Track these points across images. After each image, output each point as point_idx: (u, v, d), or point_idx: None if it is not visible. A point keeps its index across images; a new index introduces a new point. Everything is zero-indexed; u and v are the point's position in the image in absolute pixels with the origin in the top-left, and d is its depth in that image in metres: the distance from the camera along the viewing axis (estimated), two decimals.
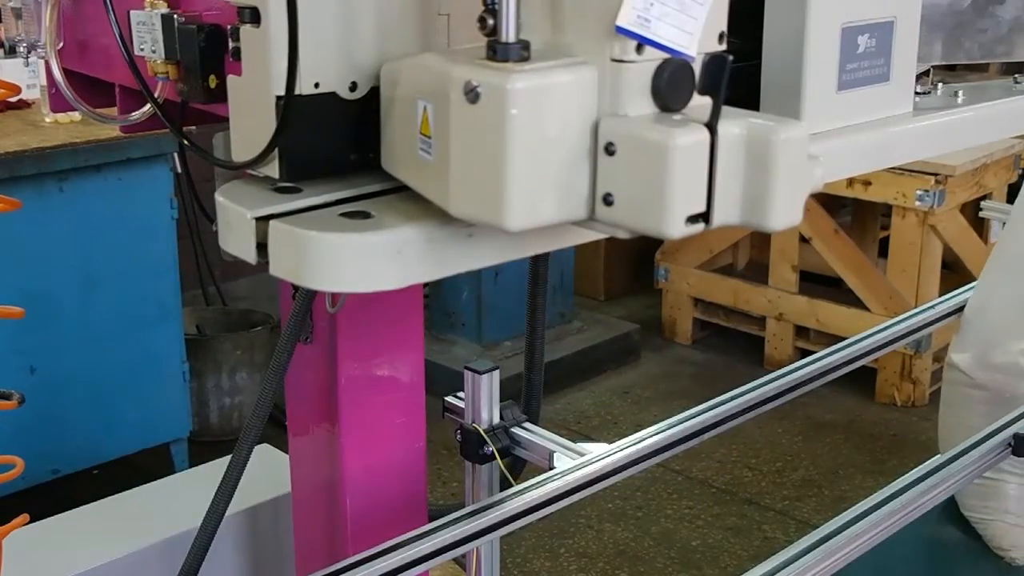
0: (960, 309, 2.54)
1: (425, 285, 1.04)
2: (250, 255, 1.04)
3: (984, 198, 4.65)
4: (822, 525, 1.67)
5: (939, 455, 1.87)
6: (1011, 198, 4.74)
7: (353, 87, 1.09)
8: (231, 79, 1.12)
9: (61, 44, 1.51)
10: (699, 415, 2.05)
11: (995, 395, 2.52)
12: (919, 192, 4.31)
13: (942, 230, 4.47)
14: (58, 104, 1.59)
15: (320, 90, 1.07)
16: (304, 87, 1.05)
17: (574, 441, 1.97)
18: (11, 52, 1.51)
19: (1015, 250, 2.53)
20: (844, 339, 2.37)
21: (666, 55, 0.96)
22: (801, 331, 4.78)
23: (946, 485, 1.79)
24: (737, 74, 1.10)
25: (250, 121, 1.09)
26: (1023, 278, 2.48)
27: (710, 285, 5.01)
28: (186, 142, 1.32)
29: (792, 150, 0.95)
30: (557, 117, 0.93)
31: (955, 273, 4.61)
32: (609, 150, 0.94)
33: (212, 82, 1.18)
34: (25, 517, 1.55)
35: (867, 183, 4.37)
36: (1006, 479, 2.58)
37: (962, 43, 1.44)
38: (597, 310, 5.25)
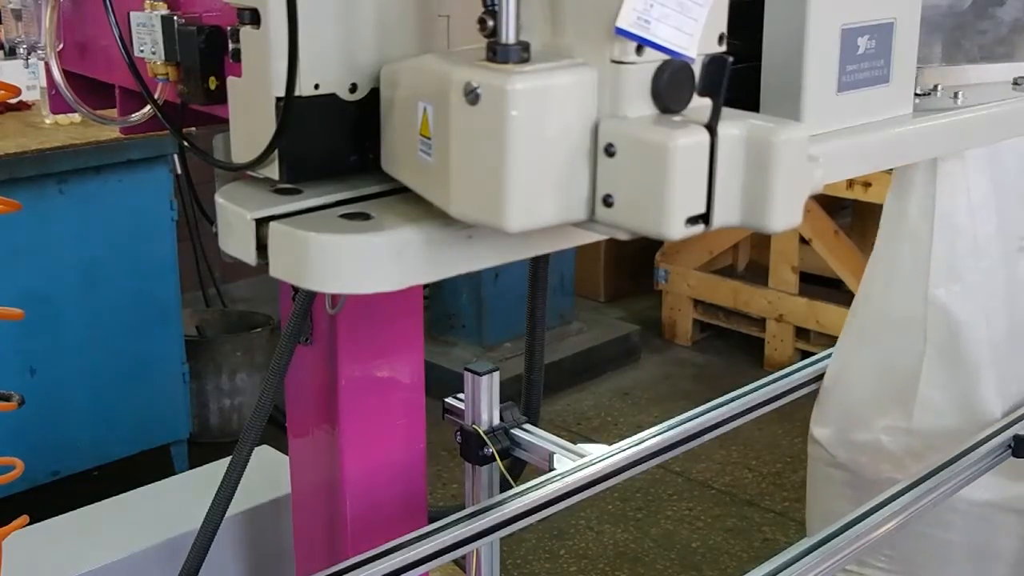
0: None
1: (425, 286, 1.04)
2: (250, 256, 1.04)
3: None
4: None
5: (939, 455, 1.87)
6: None
7: (353, 88, 1.09)
8: (231, 80, 1.12)
9: (61, 45, 1.51)
10: (699, 416, 2.06)
11: (858, 478, 2.16)
12: None
13: None
14: (58, 106, 1.59)
15: (320, 91, 1.07)
16: (304, 88, 1.05)
17: (574, 442, 1.97)
18: (11, 53, 1.51)
19: (870, 313, 2.14)
20: None
21: (666, 56, 0.96)
22: (801, 332, 4.78)
23: (947, 486, 1.79)
24: (736, 75, 1.10)
25: (250, 122, 1.09)
26: (880, 344, 2.11)
27: (710, 286, 5.01)
28: (186, 143, 1.32)
29: (792, 151, 0.95)
30: (557, 118, 0.93)
31: None
32: (609, 151, 0.94)
33: (212, 83, 1.18)
34: (25, 518, 1.55)
35: (867, 184, 4.37)
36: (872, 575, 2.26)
37: (962, 44, 1.44)
38: (597, 311, 5.25)
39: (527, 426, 2.02)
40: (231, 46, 1.11)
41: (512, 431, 1.99)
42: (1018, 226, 2.06)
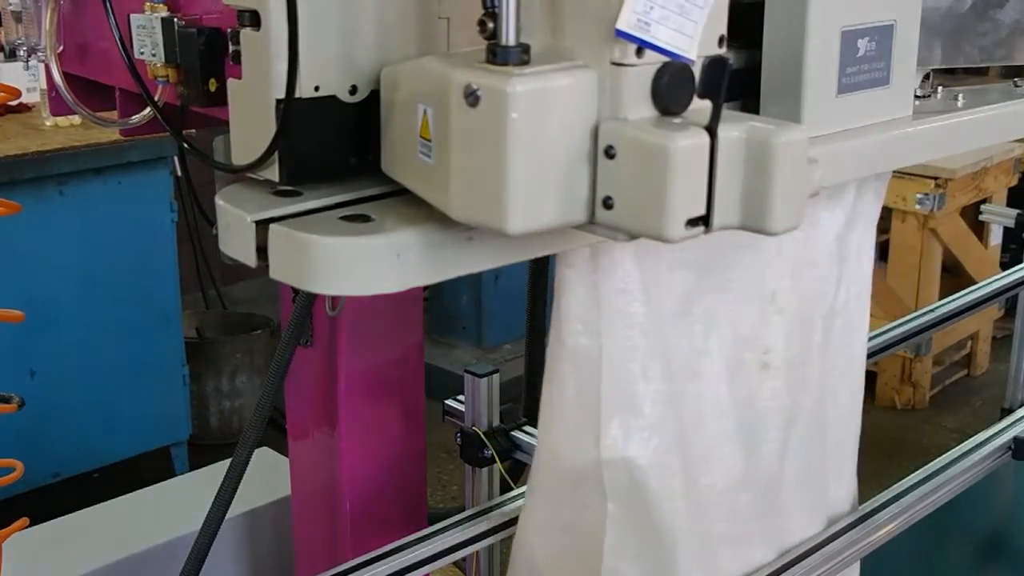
0: (961, 312, 2.53)
1: (425, 288, 1.04)
2: (250, 258, 1.04)
3: (984, 201, 4.65)
4: (822, 528, 1.67)
5: (939, 458, 1.87)
6: (1011, 201, 4.74)
7: (353, 90, 1.09)
8: (231, 82, 1.12)
9: (61, 47, 1.51)
10: None
11: None
12: (919, 195, 4.31)
13: (942, 233, 4.47)
14: (58, 107, 1.59)
15: (320, 93, 1.07)
16: (304, 91, 1.05)
17: None
18: (11, 56, 1.51)
19: (543, 458, 1.50)
20: None
21: (666, 58, 0.96)
22: None
23: (946, 489, 1.79)
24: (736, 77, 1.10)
25: (250, 124, 1.09)
26: (558, 499, 1.50)
27: None
28: (186, 145, 1.32)
29: (792, 153, 0.96)
30: (557, 120, 0.93)
31: (955, 276, 4.62)
32: (609, 153, 0.94)
33: (212, 85, 1.18)
34: (25, 520, 1.55)
35: None
36: None
37: (962, 47, 1.44)
38: None
39: (527, 428, 2.02)
40: (231, 48, 1.11)
41: (512, 433, 1.99)
42: (758, 334, 1.47)
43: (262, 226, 1.03)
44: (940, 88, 1.47)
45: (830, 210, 1.50)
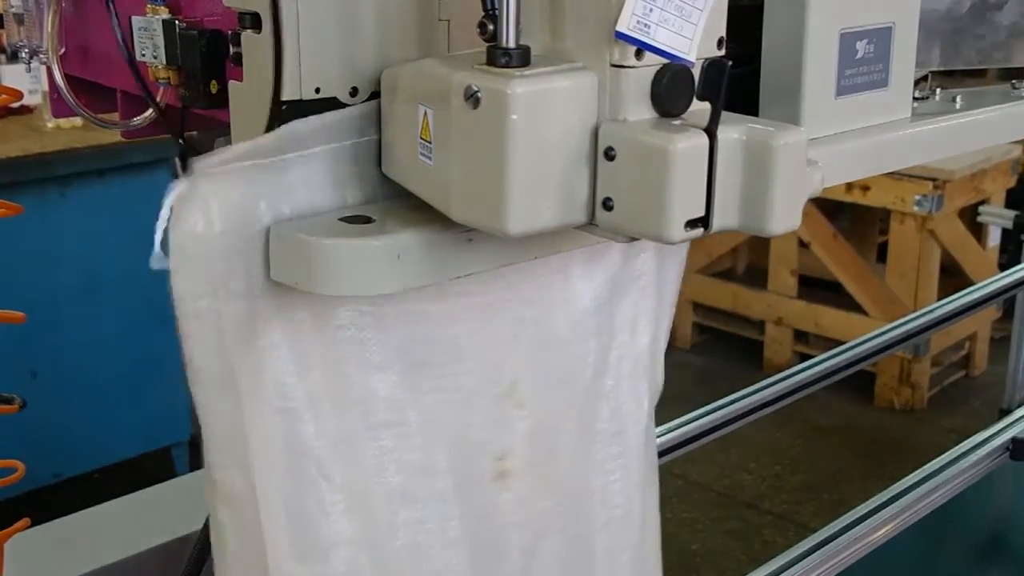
0: (959, 313, 2.54)
1: None
2: None
3: (982, 203, 4.66)
4: (821, 529, 1.68)
5: (937, 459, 1.88)
6: (1009, 203, 4.75)
7: (354, 92, 1.09)
8: (232, 84, 1.12)
9: (63, 49, 1.51)
10: (698, 419, 2.06)
11: None
12: (917, 197, 4.32)
13: (940, 235, 4.48)
14: (60, 109, 1.59)
15: (321, 95, 1.07)
16: (305, 92, 1.06)
17: None
18: (13, 58, 1.51)
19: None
20: (843, 343, 2.38)
21: (665, 60, 0.96)
22: (800, 335, 4.78)
23: (944, 489, 1.80)
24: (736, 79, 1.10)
25: (251, 126, 1.10)
26: None
27: (709, 289, 5.01)
28: (187, 147, 1.32)
29: (791, 155, 0.96)
30: (557, 122, 0.94)
31: (953, 277, 4.62)
32: (609, 155, 0.95)
33: (213, 87, 1.18)
34: (27, 521, 1.55)
35: (866, 188, 4.38)
36: None
37: (960, 49, 1.44)
38: None
39: None
40: (232, 50, 1.12)
41: None
42: (492, 436, 1.18)
43: None
44: (938, 90, 1.47)
45: (587, 279, 1.22)
